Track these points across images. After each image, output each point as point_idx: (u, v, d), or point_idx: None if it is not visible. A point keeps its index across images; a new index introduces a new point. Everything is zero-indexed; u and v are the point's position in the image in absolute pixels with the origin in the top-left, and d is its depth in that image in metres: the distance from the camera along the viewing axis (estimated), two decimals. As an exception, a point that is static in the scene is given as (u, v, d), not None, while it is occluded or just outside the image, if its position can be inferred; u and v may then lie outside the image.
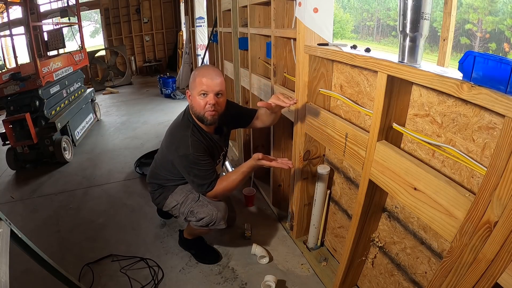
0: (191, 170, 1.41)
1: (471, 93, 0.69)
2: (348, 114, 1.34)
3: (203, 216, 1.49)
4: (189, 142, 1.39)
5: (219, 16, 2.89)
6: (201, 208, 1.50)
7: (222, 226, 1.53)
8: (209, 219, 1.48)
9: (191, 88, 1.42)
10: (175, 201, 1.59)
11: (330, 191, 1.58)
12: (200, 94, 1.37)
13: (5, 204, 2.36)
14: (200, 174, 1.41)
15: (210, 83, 1.35)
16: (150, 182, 1.71)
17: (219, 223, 1.51)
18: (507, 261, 0.67)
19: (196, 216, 1.50)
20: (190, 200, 1.54)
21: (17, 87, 2.76)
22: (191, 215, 1.53)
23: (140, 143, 3.44)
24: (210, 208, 1.49)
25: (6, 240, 1.01)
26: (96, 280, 1.57)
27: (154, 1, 7.76)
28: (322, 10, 1.29)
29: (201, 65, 1.34)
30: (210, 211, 1.48)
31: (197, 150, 1.39)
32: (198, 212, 1.50)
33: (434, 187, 0.84)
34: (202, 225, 1.51)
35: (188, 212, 1.53)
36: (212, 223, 1.50)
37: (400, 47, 0.91)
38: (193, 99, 1.41)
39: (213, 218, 1.48)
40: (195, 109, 1.41)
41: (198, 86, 1.37)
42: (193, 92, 1.40)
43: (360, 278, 1.45)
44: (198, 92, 1.37)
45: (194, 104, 1.41)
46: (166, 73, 6.00)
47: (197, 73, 1.39)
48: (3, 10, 5.32)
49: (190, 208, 1.53)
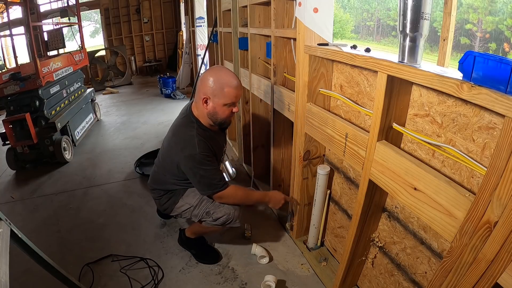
0: (197, 171, 1.41)
1: (471, 93, 0.69)
2: (348, 114, 1.34)
3: (220, 216, 1.50)
4: (195, 141, 1.39)
5: (219, 16, 2.89)
6: (218, 208, 1.52)
7: (237, 224, 1.56)
8: (227, 218, 1.51)
9: (215, 95, 1.37)
10: (187, 204, 1.57)
11: (330, 191, 1.58)
12: (228, 105, 1.39)
13: (5, 204, 2.36)
14: (207, 175, 1.41)
15: (239, 94, 1.40)
16: (154, 189, 1.66)
17: (235, 221, 1.54)
18: (507, 261, 0.67)
19: (212, 216, 1.52)
20: (205, 202, 1.55)
21: (17, 87, 2.76)
22: (206, 216, 1.54)
23: (140, 143, 3.44)
24: (228, 207, 1.51)
25: (6, 240, 1.01)
26: (96, 280, 1.57)
27: (154, 1, 7.77)
28: (322, 10, 1.29)
29: (218, 67, 1.34)
30: (228, 210, 1.51)
31: (204, 150, 1.39)
32: (215, 212, 1.51)
33: (434, 187, 0.84)
34: (218, 224, 1.53)
35: (203, 213, 1.54)
36: (229, 222, 1.52)
37: (400, 47, 0.91)
38: (217, 107, 1.39)
39: (231, 216, 1.51)
40: (218, 115, 1.41)
41: (227, 97, 1.37)
42: (219, 101, 1.38)
43: (360, 278, 1.45)
44: (227, 103, 1.38)
45: (218, 112, 1.40)
46: (166, 73, 6.00)
47: (223, 81, 1.36)
48: (3, 10, 5.31)
49: (205, 209, 1.54)
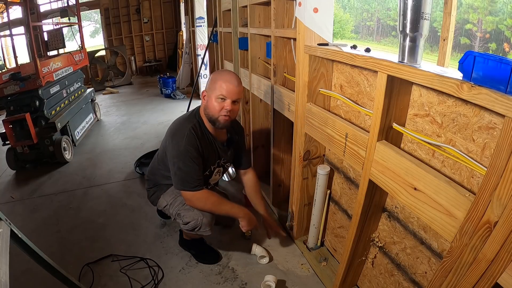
0: (177, 161, 1.41)
1: (471, 93, 0.69)
2: (348, 114, 1.34)
3: (188, 220, 1.48)
4: (186, 133, 1.41)
5: (219, 16, 2.89)
6: (187, 212, 1.49)
7: (207, 232, 1.51)
8: (194, 224, 1.48)
9: (209, 89, 1.43)
10: (165, 201, 1.58)
11: (330, 191, 1.58)
12: (218, 98, 1.39)
13: (5, 204, 2.36)
14: (184, 169, 1.41)
15: (230, 89, 1.38)
16: (148, 179, 1.71)
17: (204, 229, 1.49)
18: (507, 261, 0.67)
19: (182, 220, 1.50)
20: (178, 203, 1.53)
21: (17, 87, 2.76)
22: (178, 218, 1.53)
23: (140, 143, 3.44)
24: (196, 213, 1.48)
25: (6, 240, 1.01)
26: (96, 280, 1.57)
27: (154, 1, 7.77)
28: (322, 10, 1.29)
29: (222, 69, 1.39)
30: (195, 216, 1.47)
31: (190, 145, 1.40)
32: (185, 215, 1.49)
33: (434, 187, 0.84)
34: (188, 229, 1.51)
35: (175, 214, 1.53)
36: (198, 228, 1.49)
37: (400, 47, 0.91)
38: (209, 101, 1.42)
39: (198, 223, 1.47)
40: (209, 110, 1.42)
41: (218, 89, 1.38)
42: (211, 94, 1.41)
43: (360, 278, 1.45)
44: (217, 95, 1.39)
45: (209, 106, 1.42)
46: (166, 73, 6.00)
47: (219, 77, 1.41)
48: (3, 10, 5.31)
49: (177, 210, 1.52)
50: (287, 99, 1.67)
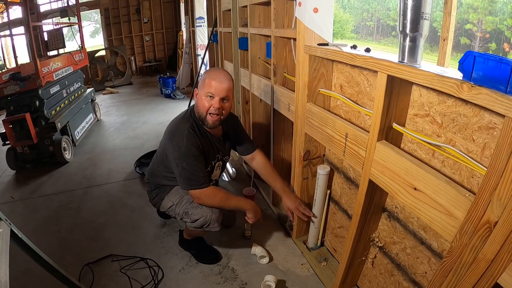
0: (180, 162, 1.41)
1: (471, 93, 0.69)
2: (348, 114, 1.34)
3: (197, 218, 1.48)
4: (185, 133, 1.41)
5: (219, 16, 2.89)
6: (196, 209, 1.49)
7: (216, 228, 1.51)
8: (203, 221, 1.48)
9: (199, 87, 1.45)
10: (170, 201, 1.58)
11: (330, 191, 1.58)
12: (207, 96, 1.40)
13: (5, 204, 2.36)
14: (188, 169, 1.41)
15: (218, 86, 1.38)
16: (148, 181, 1.71)
17: (213, 225, 1.50)
18: (507, 261, 0.67)
19: (190, 218, 1.50)
20: (185, 201, 1.53)
21: (17, 87, 2.76)
22: (186, 216, 1.52)
23: (140, 143, 3.44)
24: (205, 210, 1.48)
25: (6, 240, 1.01)
26: (96, 280, 1.57)
27: (154, 1, 7.76)
28: (322, 10, 1.29)
29: (213, 67, 1.40)
30: (204, 213, 1.48)
31: (191, 143, 1.41)
32: (193, 213, 1.49)
33: (434, 187, 0.84)
34: (196, 227, 1.51)
35: (183, 213, 1.53)
36: (207, 225, 1.49)
37: (400, 47, 0.91)
38: (199, 98, 1.44)
39: (207, 219, 1.48)
40: (198, 108, 1.44)
41: (206, 87, 1.40)
42: (200, 92, 1.43)
43: (360, 278, 1.45)
44: (205, 93, 1.40)
45: (198, 104, 1.44)
46: (166, 73, 5.99)
47: (208, 75, 1.43)
48: (3, 10, 5.31)
49: (184, 209, 1.52)
50: (287, 99, 1.67)
